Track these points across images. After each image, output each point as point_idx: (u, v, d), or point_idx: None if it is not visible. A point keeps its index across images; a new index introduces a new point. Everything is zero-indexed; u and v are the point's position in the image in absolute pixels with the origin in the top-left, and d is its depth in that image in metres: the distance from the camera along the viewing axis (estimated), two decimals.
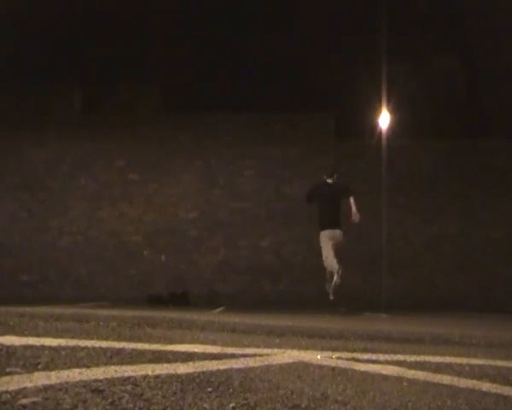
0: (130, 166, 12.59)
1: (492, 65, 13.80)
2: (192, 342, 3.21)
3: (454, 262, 12.11)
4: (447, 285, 12.05)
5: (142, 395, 1.71)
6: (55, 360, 2.21)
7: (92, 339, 2.98)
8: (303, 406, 1.75)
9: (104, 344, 2.80)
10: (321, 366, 2.59)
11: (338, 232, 9.06)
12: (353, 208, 9.14)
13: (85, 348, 2.62)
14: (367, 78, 12.08)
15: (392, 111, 12.11)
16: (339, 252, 9.17)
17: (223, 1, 14.41)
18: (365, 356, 3.02)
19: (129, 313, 5.58)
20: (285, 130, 12.49)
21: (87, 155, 12.60)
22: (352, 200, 9.19)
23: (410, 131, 12.38)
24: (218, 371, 2.25)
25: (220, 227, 12.37)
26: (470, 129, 13.09)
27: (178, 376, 2.06)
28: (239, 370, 2.32)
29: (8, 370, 1.93)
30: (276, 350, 3.07)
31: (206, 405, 1.67)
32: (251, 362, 2.56)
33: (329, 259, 9.05)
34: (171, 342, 3.13)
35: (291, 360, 2.72)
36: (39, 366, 2.04)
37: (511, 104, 12.89)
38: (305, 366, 2.59)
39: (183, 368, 2.24)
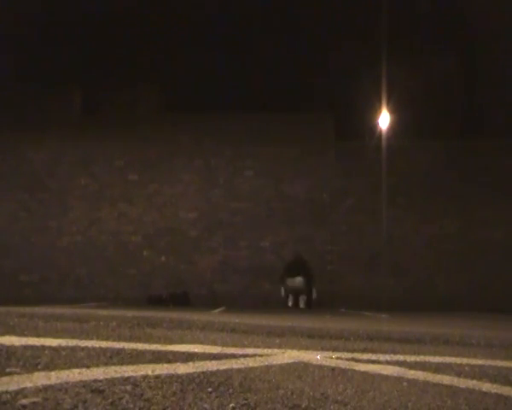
0: (130, 166, 12.59)
1: (492, 65, 13.80)
2: (192, 342, 3.20)
3: (454, 262, 12.11)
4: (447, 285, 12.05)
5: (142, 395, 1.71)
6: (55, 360, 2.21)
7: (92, 339, 2.98)
8: (303, 406, 1.75)
9: (104, 344, 2.80)
10: (321, 366, 2.59)
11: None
12: None
13: (85, 348, 2.62)
14: (367, 78, 12.08)
15: (392, 111, 12.11)
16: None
17: (223, 2, 14.41)
18: (365, 356, 3.01)
19: (129, 313, 5.58)
20: (285, 130, 12.49)
21: (87, 155, 12.61)
22: None
23: (410, 131, 12.38)
24: (218, 371, 2.25)
25: (220, 227, 12.37)
26: (470, 129, 13.09)
27: (178, 376, 2.06)
28: (239, 370, 2.32)
29: (8, 370, 1.92)
30: (276, 350, 3.06)
31: (206, 405, 1.66)
32: (251, 362, 2.56)
33: None
34: (171, 342, 3.13)
35: (291, 360, 2.72)
36: (39, 366, 2.04)
37: (510, 104, 12.89)
38: (305, 366, 2.59)
39: (183, 368, 2.24)
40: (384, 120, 12.15)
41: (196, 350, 2.82)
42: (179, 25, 14.22)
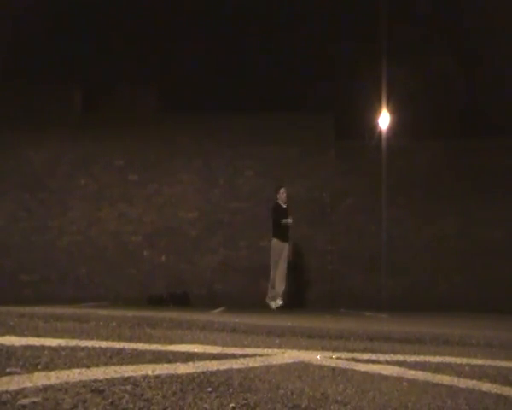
0: (130, 166, 12.59)
1: (492, 65, 13.81)
2: (192, 342, 3.21)
3: (454, 262, 12.11)
4: (447, 285, 12.04)
5: (142, 395, 1.71)
6: (55, 360, 2.21)
7: (92, 339, 2.98)
8: (303, 406, 1.75)
9: (104, 344, 2.80)
10: (321, 366, 2.59)
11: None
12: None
13: (85, 348, 2.62)
14: (367, 78, 12.09)
15: (392, 111, 12.11)
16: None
17: (222, 1, 14.42)
18: (365, 356, 3.01)
19: (129, 313, 5.58)
20: (285, 130, 12.49)
21: (87, 155, 12.60)
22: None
23: (410, 131, 12.39)
24: (218, 371, 2.25)
25: (220, 227, 12.37)
26: (470, 129, 13.09)
27: (178, 376, 2.06)
28: (239, 370, 2.32)
29: (8, 370, 1.92)
30: (276, 350, 3.06)
31: (206, 405, 1.66)
32: (251, 362, 2.56)
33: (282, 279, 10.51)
34: (171, 342, 3.13)
35: (291, 360, 2.72)
36: (39, 366, 2.04)
37: (511, 104, 12.89)
38: (305, 366, 2.59)
39: (183, 368, 2.24)
40: (384, 119, 12.16)
41: (196, 350, 2.82)
42: (179, 25, 14.23)
